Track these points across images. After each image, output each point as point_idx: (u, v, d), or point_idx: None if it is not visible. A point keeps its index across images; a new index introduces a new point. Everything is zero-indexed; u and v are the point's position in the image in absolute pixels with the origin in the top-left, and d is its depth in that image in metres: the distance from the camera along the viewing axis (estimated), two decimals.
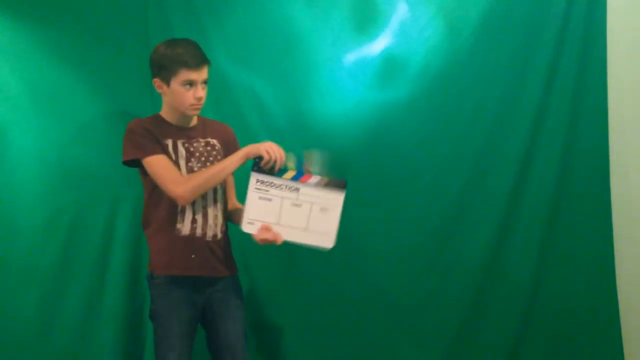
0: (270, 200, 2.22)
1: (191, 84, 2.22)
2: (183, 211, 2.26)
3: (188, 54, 2.21)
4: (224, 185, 2.36)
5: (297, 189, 2.23)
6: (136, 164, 2.26)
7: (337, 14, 2.70)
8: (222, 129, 2.42)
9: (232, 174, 2.34)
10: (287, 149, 2.64)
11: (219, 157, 2.33)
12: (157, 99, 2.53)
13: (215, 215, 2.31)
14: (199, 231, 2.27)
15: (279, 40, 2.66)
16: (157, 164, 2.22)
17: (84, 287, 2.48)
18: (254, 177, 2.20)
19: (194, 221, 2.26)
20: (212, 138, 2.36)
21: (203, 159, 2.30)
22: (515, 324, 2.77)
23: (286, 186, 2.22)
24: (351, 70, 2.70)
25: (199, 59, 2.22)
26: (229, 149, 2.38)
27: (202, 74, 2.23)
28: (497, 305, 2.77)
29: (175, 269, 2.25)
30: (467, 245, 2.75)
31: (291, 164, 2.24)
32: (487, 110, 2.74)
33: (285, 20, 2.67)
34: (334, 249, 2.69)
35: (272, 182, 2.22)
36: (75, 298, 2.47)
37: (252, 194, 2.21)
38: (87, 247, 2.50)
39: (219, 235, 2.31)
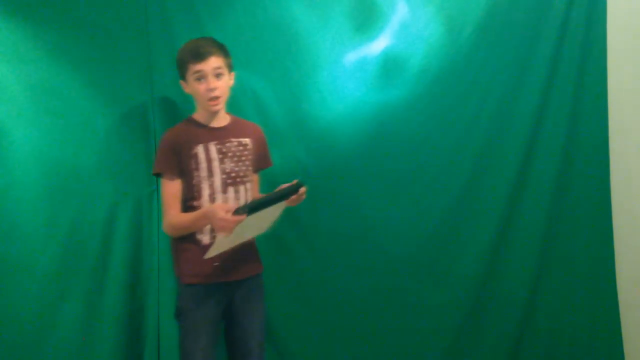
0: None
1: (202, 76, 2.25)
2: None
3: (195, 47, 2.26)
4: (252, 186, 2.39)
5: None
6: None
7: (337, 14, 2.70)
8: (253, 129, 2.44)
9: (258, 174, 2.45)
10: (287, 149, 2.66)
11: (250, 157, 2.37)
12: (156, 99, 2.54)
13: None
14: None
15: (279, 41, 2.66)
16: (164, 189, 2.31)
17: (84, 287, 2.47)
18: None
19: (213, 230, 2.27)
20: (245, 137, 2.38)
21: (236, 159, 2.32)
22: (515, 323, 2.78)
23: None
24: (351, 70, 2.70)
25: (204, 50, 2.24)
26: (259, 148, 2.42)
27: (210, 63, 2.24)
28: (498, 305, 2.78)
29: (199, 277, 2.28)
30: (468, 245, 2.75)
31: None
32: (487, 110, 2.75)
33: (285, 21, 2.66)
34: (333, 248, 2.71)
35: None
36: (75, 298, 2.46)
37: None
38: (87, 247, 2.48)
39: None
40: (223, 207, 2.11)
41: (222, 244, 2.13)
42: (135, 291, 2.54)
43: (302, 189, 2.19)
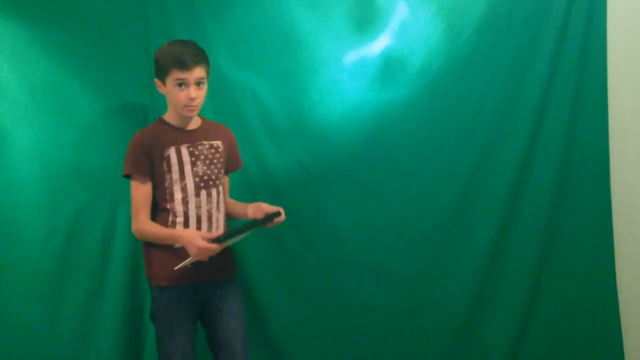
0: None
1: (184, 83, 2.22)
2: (174, 224, 2.27)
3: (181, 53, 2.21)
4: (223, 188, 2.39)
5: None
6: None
7: (337, 14, 2.69)
8: (224, 131, 2.43)
9: (228, 175, 2.44)
10: (287, 149, 2.66)
11: (222, 160, 2.35)
12: (156, 99, 2.54)
13: (217, 218, 2.32)
14: None
15: (279, 41, 2.66)
16: (134, 191, 2.27)
17: (84, 288, 2.48)
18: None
19: None
20: (216, 140, 2.36)
21: (207, 161, 2.31)
22: (515, 324, 2.78)
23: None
24: (351, 70, 2.70)
25: (190, 59, 2.20)
26: (230, 150, 2.41)
27: (194, 74, 2.21)
28: (497, 305, 2.77)
29: (172, 280, 2.25)
30: (468, 245, 2.75)
31: None
32: (487, 111, 2.75)
33: (285, 21, 2.67)
34: (333, 248, 2.71)
35: None
36: (75, 298, 2.46)
37: None
38: (87, 247, 2.49)
39: None
40: (202, 235, 2.14)
41: (193, 259, 2.16)
42: (135, 291, 2.55)
43: (280, 218, 2.23)
